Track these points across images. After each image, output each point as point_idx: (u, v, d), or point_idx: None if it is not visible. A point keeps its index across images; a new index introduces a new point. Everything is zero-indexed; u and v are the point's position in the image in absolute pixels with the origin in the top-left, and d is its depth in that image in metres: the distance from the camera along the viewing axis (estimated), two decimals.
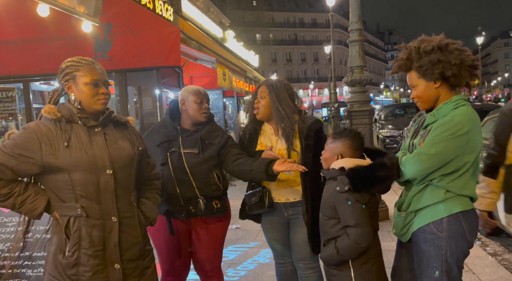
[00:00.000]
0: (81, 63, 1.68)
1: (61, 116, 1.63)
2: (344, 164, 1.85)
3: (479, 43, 25.50)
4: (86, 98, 1.67)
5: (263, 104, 2.32)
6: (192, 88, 2.37)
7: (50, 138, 1.60)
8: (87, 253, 1.61)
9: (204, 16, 12.32)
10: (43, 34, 4.98)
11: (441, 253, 1.77)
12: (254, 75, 12.32)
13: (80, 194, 1.61)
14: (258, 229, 4.44)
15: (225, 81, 6.84)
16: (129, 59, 5.14)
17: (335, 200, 1.85)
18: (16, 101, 5.88)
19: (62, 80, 1.69)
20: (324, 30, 54.02)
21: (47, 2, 2.70)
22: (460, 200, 1.79)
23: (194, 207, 2.26)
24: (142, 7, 5.42)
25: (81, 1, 3.02)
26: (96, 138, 1.68)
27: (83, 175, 1.61)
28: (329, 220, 1.89)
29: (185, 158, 2.26)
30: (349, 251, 1.82)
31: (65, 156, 1.59)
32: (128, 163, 1.73)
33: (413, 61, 1.83)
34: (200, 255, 2.40)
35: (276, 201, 2.35)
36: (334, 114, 14.75)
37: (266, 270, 3.57)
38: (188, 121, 2.35)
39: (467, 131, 1.71)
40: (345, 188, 1.81)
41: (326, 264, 1.94)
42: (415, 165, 1.74)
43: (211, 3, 19.97)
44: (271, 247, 2.54)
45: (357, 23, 5.00)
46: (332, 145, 1.95)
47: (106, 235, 1.64)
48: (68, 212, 1.62)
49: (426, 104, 1.86)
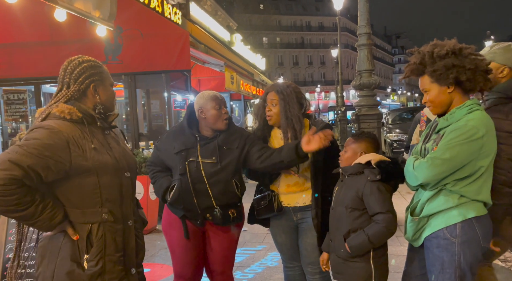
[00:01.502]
0: (100, 64, 1.66)
1: (82, 117, 1.56)
2: (372, 157, 2.00)
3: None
4: (110, 99, 1.67)
5: (275, 112, 2.32)
6: (208, 95, 2.29)
7: (76, 138, 1.50)
8: (112, 259, 1.54)
9: (212, 20, 12.40)
10: (55, 37, 5.06)
11: (454, 259, 1.76)
12: (261, 78, 12.35)
13: (106, 198, 1.55)
14: (266, 232, 4.45)
15: (233, 84, 6.88)
16: (139, 63, 5.20)
17: (364, 190, 1.95)
18: (27, 103, 5.96)
19: (86, 81, 1.59)
20: (331, 33, 54.01)
21: (64, 7, 2.76)
22: (474, 205, 1.77)
23: (211, 215, 2.25)
24: (151, 10, 5.48)
25: (97, 6, 3.07)
26: (111, 140, 1.65)
27: (110, 178, 1.56)
28: (353, 211, 1.97)
29: (203, 168, 2.20)
30: (380, 237, 1.91)
31: (94, 158, 1.52)
32: (136, 165, 1.77)
33: (427, 65, 1.82)
34: (213, 258, 2.39)
35: (285, 205, 2.36)
36: (341, 118, 14.71)
37: (274, 273, 3.57)
38: (207, 128, 2.29)
39: (482, 136, 1.70)
40: (377, 177, 1.94)
41: (353, 254, 1.95)
42: (429, 170, 1.73)
43: (218, 6, 20.10)
44: (279, 252, 2.53)
45: (365, 27, 5.01)
46: (354, 145, 2.10)
47: (126, 240, 1.61)
48: (92, 218, 1.52)
49: (439, 108, 1.85)
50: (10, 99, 5.95)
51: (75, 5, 2.81)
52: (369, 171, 1.97)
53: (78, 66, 1.60)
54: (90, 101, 1.63)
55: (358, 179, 1.99)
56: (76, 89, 1.59)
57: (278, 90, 2.33)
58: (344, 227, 1.99)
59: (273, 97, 2.33)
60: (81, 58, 1.63)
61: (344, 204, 2.00)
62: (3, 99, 5.98)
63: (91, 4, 3.04)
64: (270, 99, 2.35)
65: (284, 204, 2.35)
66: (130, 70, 5.29)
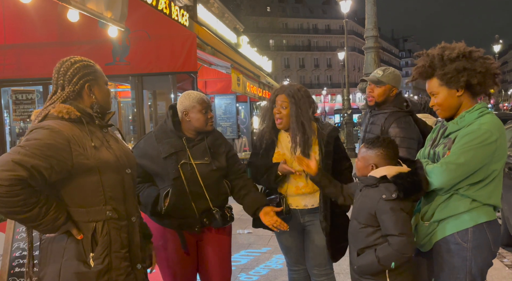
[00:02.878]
0: (92, 63, 1.65)
1: (80, 116, 1.56)
2: (387, 172, 1.80)
3: (496, 51, 25.12)
4: (106, 98, 1.68)
5: (285, 115, 2.29)
6: (195, 97, 2.19)
7: (76, 138, 1.51)
8: (119, 255, 1.55)
9: (219, 22, 12.43)
10: (63, 38, 5.11)
11: (465, 264, 1.73)
12: (268, 81, 12.35)
13: (110, 195, 1.55)
14: (271, 234, 4.43)
15: (239, 86, 6.89)
16: (146, 64, 5.23)
17: (377, 208, 1.77)
18: (35, 103, 6.01)
19: (80, 81, 1.59)
20: (338, 36, 53.91)
21: (77, 7, 2.77)
22: (485, 210, 1.75)
23: (208, 219, 2.17)
24: (159, 12, 5.51)
25: (108, 6, 3.09)
26: (109, 138, 1.66)
27: (112, 175, 1.57)
28: (366, 228, 1.82)
29: (198, 170, 2.13)
30: (391, 260, 1.75)
31: (96, 156, 1.53)
32: (136, 163, 1.76)
33: (436, 68, 1.80)
34: (212, 269, 2.26)
35: (294, 207, 2.34)
36: (347, 121, 14.66)
37: (279, 276, 3.56)
38: (190, 131, 2.21)
39: (496, 139, 1.68)
40: (393, 195, 1.75)
41: (361, 273, 1.85)
42: (444, 175, 1.69)
43: (225, 9, 20.17)
44: (285, 255, 2.52)
45: (373, 30, 5.00)
46: (366, 155, 1.89)
47: (131, 236, 1.62)
48: (96, 216, 1.53)
49: (447, 112, 1.82)
50: (18, 99, 6.00)
51: (87, 5, 2.83)
52: (385, 187, 1.78)
53: (71, 67, 1.59)
54: (86, 101, 1.63)
55: (373, 193, 1.81)
56: (71, 90, 1.58)
57: (289, 93, 2.28)
58: (358, 243, 1.85)
59: (284, 100, 2.29)
60: (73, 59, 1.62)
61: (358, 218, 1.87)
62: (12, 99, 6.04)
63: (103, 5, 3.06)
64: (280, 101, 2.30)
65: (292, 207, 2.33)
66: (137, 72, 5.32)
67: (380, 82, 2.55)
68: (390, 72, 2.58)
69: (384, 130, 2.44)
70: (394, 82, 2.56)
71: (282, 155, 2.35)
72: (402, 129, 2.39)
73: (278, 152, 2.37)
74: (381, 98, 2.56)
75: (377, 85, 2.56)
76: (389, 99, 2.56)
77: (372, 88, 2.60)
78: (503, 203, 3.86)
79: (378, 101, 2.58)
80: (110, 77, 1.82)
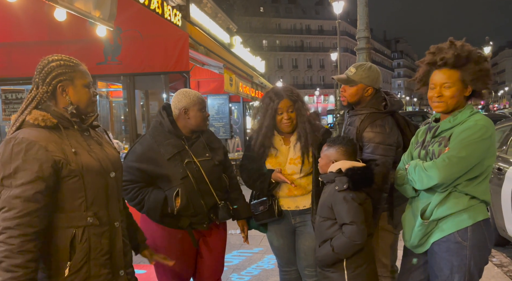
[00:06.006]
0: (73, 63, 1.58)
1: (57, 123, 1.50)
2: (342, 165, 1.94)
3: (486, 53, 25.46)
4: (84, 100, 1.59)
5: (294, 117, 2.31)
6: (194, 95, 2.21)
7: (55, 145, 1.46)
8: (98, 263, 1.50)
9: (212, 22, 12.40)
10: (53, 37, 5.05)
11: (464, 263, 1.75)
12: (261, 81, 12.35)
13: (92, 201, 1.51)
14: (262, 235, 4.43)
15: (232, 86, 6.88)
16: (138, 64, 5.19)
17: (332, 200, 1.91)
18: None
19: (53, 81, 1.52)
20: (331, 37, 54.12)
21: (64, 6, 2.74)
22: (481, 207, 1.79)
23: (214, 214, 2.22)
24: (151, 12, 5.48)
25: (97, 5, 3.06)
26: (91, 142, 1.60)
27: (95, 179, 1.53)
28: (326, 221, 1.94)
29: (202, 167, 2.16)
30: (344, 248, 1.86)
31: (77, 162, 1.49)
32: (121, 165, 1.71)
33: (471, 62, 1.79)
34: (208, 265, 2.31)
35: (285, 208, 2.35)
36: (340, 121, 14.74)
37: (270, 276, 3.56)
38: (187, 129, 2.21)
39: (490, 135, 1.74)
40: (344, 186, 1.87)
41: (321, 264, 1.98)
42: (446, 169, 1.70)
43: (219, 9, 20.14)
44: (276, 256, 2.52)
45: (364, 31, 5.03)
46: (327, 152, 2.04)
47: (112, 241, 1.57)
48: (76, 222, 1.48)
49: (450, 107, 1.81)
50: (8, 98, 5.94)
51: (75, 4, 2.79)
52: (339, 180, 1.91)
53: (46, 65, 1.53)
54: (61, 103, 1.56)
55: (331, 187, 1.95)
56: (44, 91, 1.53)
57: (292, 98, 2.32)
58: (321, 237, 1.98)
59: (289, 104, 2.30)
60: (52, 57, 1.56)
61: (320, 213, 1.99)
62: (2, 98, 5.98)
63: (91, 4, 3.03)
64: (286, 106, 2.30)
65: (284, 208, 2.34)
66: (129, 71, 5.28)
67: (351, 82, 2.28)
68: (364, 69, 2.28)
69: (358, 133, 2.23)
70: (368, 80, 2.26)
71: (276, 158, 2.36)
72: (376, 134, 2.16)
73: (271, 155, 2.36)
74: (353, 98, 2.29)
75: (348, 84, 2.30)
76: (364, 99, 2.29)
77: (344, 87, 2.34)
78: (492, 202, 3.90)
79: (350, 101, 2.32)
80: (101, 77, 1.80)
